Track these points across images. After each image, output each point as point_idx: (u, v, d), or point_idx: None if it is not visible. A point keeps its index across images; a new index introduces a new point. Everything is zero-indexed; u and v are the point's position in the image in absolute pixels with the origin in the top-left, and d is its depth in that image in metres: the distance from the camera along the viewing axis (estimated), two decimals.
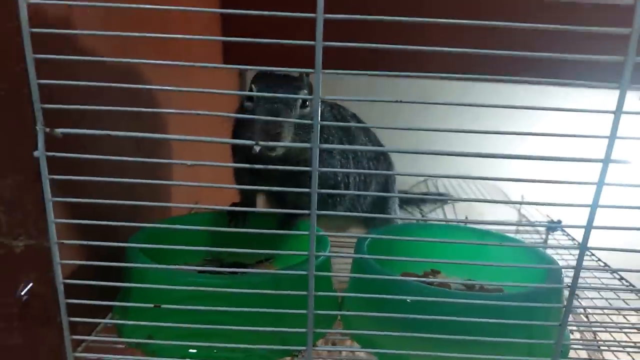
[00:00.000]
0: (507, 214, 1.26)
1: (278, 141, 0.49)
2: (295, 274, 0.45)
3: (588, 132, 0.37)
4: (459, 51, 0.35)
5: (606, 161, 0.37)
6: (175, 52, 0.78)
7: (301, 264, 0.51)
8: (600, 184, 0.38)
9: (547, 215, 1.00)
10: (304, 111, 0.57)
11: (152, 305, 0.44)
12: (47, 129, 0.38)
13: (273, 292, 0.44)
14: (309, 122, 0.38)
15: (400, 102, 0.38)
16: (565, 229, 0.97)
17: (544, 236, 0.99)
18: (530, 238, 1.05)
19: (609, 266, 0.79)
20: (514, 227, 1.09)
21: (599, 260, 0.86)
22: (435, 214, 1.20)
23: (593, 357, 0.75)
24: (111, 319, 0.52)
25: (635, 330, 0.65)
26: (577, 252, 0.95)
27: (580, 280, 0.93)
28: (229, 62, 1.25)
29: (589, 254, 0.87)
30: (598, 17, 0.41)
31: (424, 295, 0.46)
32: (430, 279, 0.64)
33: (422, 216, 0.98)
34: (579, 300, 0.85)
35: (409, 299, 0.45)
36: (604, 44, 0.44)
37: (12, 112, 0.38)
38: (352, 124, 0.72)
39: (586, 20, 0.37)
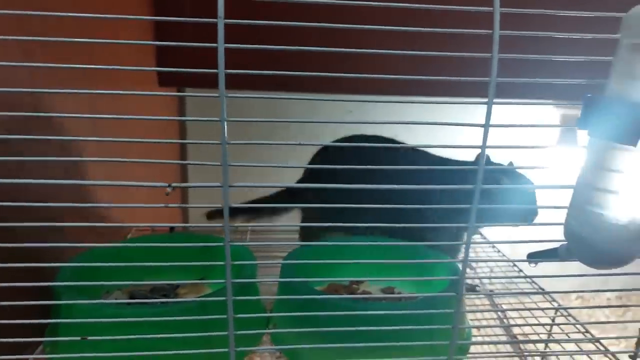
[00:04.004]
0: None
1: None
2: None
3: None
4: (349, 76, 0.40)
5: (480, 167, 0.43)
6: (101, 76, 0.79)
7: (221, 290, 0.55)
8: (477, 187, 0.44)
9: None
10: None
11: (79, 338, 0.46)
12: None
13: (192, 317, 0.47)
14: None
15: (281, 120, 0.42)
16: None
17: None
18: None
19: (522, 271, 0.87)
20: None
21: (521, 271, 0.93)
22: None
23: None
24: (42, 352, 0.54)
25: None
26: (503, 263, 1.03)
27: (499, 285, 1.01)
28: (165, 84, 1.25)
29: (511, 264, 0.94)
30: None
31: (338, 309, 0.51)
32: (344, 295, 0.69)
33: None
34: (494, 300, 0.94)
35: (323, 314, 0.49)
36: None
37: None
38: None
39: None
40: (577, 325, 0.69)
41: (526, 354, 0.74)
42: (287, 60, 1.09)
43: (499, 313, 0.88)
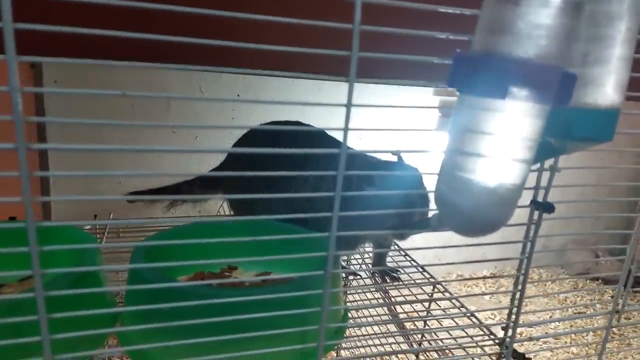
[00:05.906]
0: None
1: None
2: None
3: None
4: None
5: (343, 152, 0.38)
6: None
7: (49, 283, 0.44)
8: (340, 173, 0.39)
9: None
10: None
11: None
12: None
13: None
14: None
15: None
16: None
17: None
18: None
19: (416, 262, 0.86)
20: None
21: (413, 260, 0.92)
22: None
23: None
24: None
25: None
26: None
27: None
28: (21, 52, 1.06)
29: (403, 253, 0.92)
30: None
31: (191, 298, 0.44)
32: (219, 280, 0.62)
33: None
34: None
35: (171, 305, 0.41)
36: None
37: None
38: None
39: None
40: (453, 301, 0.69)
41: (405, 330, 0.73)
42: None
43: (381, 293, 0.86)
